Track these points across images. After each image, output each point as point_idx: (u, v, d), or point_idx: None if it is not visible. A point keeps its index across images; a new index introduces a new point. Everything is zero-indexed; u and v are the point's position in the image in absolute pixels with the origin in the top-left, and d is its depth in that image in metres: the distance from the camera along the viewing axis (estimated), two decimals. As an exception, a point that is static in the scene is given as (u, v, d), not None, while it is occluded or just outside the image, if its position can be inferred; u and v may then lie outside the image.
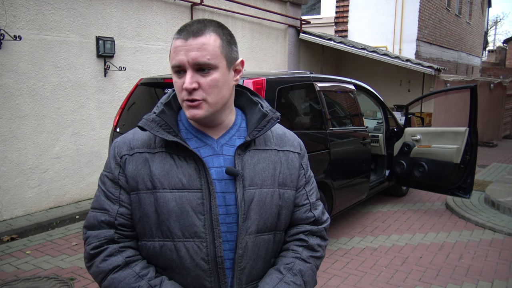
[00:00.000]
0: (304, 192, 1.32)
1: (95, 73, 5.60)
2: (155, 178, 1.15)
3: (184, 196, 1.14)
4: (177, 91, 1.15)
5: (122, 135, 1.26)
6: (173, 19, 6.66)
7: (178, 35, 1.13)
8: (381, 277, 3.84)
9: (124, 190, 1.19)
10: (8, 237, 4.46)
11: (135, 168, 1.17)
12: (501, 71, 22.19)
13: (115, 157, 1.21)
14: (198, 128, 1.22)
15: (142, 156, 1.18)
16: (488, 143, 13.06)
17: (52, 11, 5.07)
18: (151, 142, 1.20)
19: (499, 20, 47.73)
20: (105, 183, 1.21)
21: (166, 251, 1.16)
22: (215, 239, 1.14)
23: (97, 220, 1.19)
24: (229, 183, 1.18)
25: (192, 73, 1.11)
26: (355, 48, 9.37)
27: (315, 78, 4.47)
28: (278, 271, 1.24)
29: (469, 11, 17.44)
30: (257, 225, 1.19)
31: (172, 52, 1.13)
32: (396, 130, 5.97)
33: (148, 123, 1.17)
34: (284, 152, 1.29)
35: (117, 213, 1.18)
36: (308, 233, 1.31)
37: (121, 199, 1.19)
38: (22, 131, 4.91)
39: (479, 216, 5.40)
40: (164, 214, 1.14)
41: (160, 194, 1.14)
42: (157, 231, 1.16)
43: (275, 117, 1.25)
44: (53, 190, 5.29)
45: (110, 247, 1.17)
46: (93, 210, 1.22)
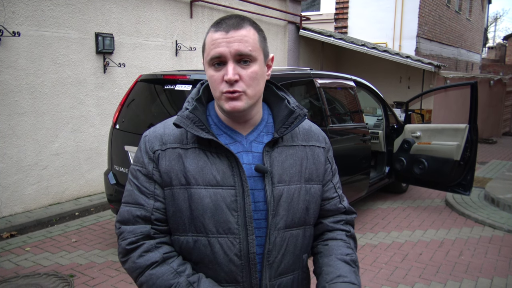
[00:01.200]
0: (332, 185, 1.36)
1: (94, 69, 5.58)
2: (189, 175, 1.16)
3: (218, 193, 1.15)
4: (215, 83, 1.14)
5: (152, 129, 1.25)
6: (172, 15, 6.64)
7: (217, 28, 1.13)
8: (381, 274, 3.84)
9: (158, 184, 1.19)
10: (7, 234, 4.45)
11: (168, 163, 1.18)
12: (501, 67, 22.18)
13: (148, 152, 1.20)
14: (228, 124, 1.22)
15: (175, 151, 1.18)
16: (487, 140, 13.06)
17: (51, 7, 5.04)
18: (183, 138, 1.20)
19: (499, 17, 47.64)
20: (139, 178, 1.21)
21: (200, 246, 1.17)
22: (248, 235, 1.16)
23: (132, 215, 1.19)
24: (257, 180, 1.19)
25: (234, 64, 1.11)
26: (355, 44, 9.35)
27: (315, 74, 4.45)
28: (346, 263, 1.26)
29: (469, 8, 17.40)
30: (285, 220, 1.21)
31: (210, 45, 1.12)
32: (396, 127, 5.97)
33: (183, 120, 1.16)
34: (310, 147, 1.30)
35: (153, 208, 1.19)
36: (344, 223, 1.37)
37: (156, 193, 1.19)
38: (21, 127, 4.90)
39: (479, 213, 5.40)
40: (198, 210, 1.15)
41: (195, 191, 1.15)
42: (190, 226, 1.17)
43: (303, 113, 1.25)
44: (53, 186, 5.28)
45: (147, 242, 1.18)
46: (126, 204, 1.22)
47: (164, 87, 3.93)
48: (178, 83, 3.75)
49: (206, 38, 1.15)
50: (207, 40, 1.14)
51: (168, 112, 3.89)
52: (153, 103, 4.10)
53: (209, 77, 1.15)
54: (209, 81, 1.16)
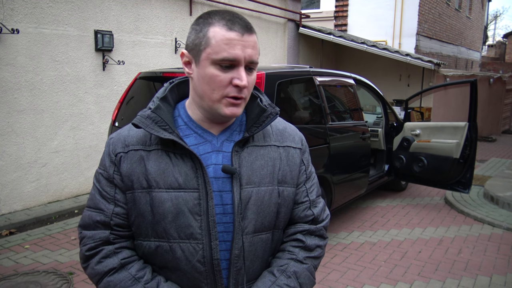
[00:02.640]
0: (304, 189, 1.27)
1: (93, 67, 5.57)
2: (151, 177, 1.11)
3: (180, 196, 1.10)
4: (219, 85, 1.07)
5: (117, 131, 1.22)
6: (172, 13, 6.63)
7: (230, 27, 1.05)
8: (380, 272, 3.84)
9: (119, 189, 1.15)
10: (7, 232, 4.45)
11: (130, 166, 1.13)
12: (500, 65, 22.17)
13: (110, 155, 1.16)
14: (200, 123, 1.17)
15: (137, 153, 1.14)
16: (487, 137, 13.07)
17: (50, 4, 5.03)
18: (147, 139, 1.15)
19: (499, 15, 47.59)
20: (100, 182, 1.17)
21: (162, 251, 1.13)
22: (211, 241, 1.11)
23: (92, 220, 1.16)
24: (226, 181, 1.13)
25: (245, 70, 1.08)
26: (354, 42, 9.34)
27: (315, 72, 4.45)
28: (271, 273, 1.20)
29: (469, 6, 17.38)
30: (255, 224, 1.15)
31: (222, 44, 1.04)
32: (395, 125, 5.96)
33: (142, 120, 1.11)
34: (285, 148, 1.24)
35: (112, 213, 1.15)
36: (306, 233, 1.26)
37: (117, 198, 1.15)
38: (21, 125, 4.89)
39: (478, 211, 5.41)
40: (159, 214, 1.11)
41: (156, 194, 1.10)
42: (152, 231, 1.13)
43: (274, 112, 1.20)
44: (52, 184, 5.28)
45: (105, 248, 1.15)
46: (88, 209, 1.18)
47: (163, 84, 3.91)
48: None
49: (213, 32, 1.06)
50: (216, 36, 1.05)
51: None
52: (153, 100, 4.08)
53: (212, 77, 1.07)
54: (208, 81, 1.08)
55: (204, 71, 1.08)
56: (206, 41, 1.06)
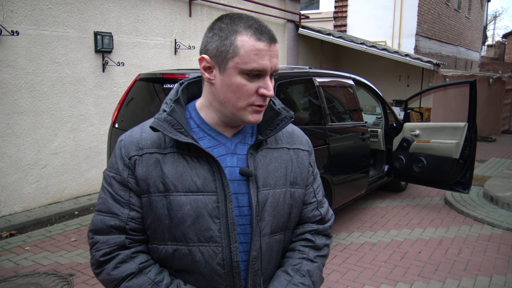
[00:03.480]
0: (312, 190, 1.31)
1: (93, 68, 5.57)
2: (168, 181, 1.10)
3: (199, 200, 1.10)
4: (245, 94, 1.08)
5: (128, 133, 1.18)
6: (171, 14, 6.63)
7: (259, 37, 1.05)
8: (380, 272, 3.84)
9: (134, 192, 1.13)
10: (7, 233, 4.45)
11: (145, 170, 1.11)
12: (500, 65, 22.18)
13: (123, 158, 1.13)
14: (214, 126, 1.16)
15: (152, 156, 1.12)
16: (486, 138, 13.08)
17: (50, 6, 5.04)
18: (161, 142, 1.13)
19: (498, 15, 47.65)
20: (113, 185, 1.14)
21: (180, 255, 1.12)
22: (231, 243, 1.11)
23: (105, 225, 1.13)
24: (242, 184, 1.14)
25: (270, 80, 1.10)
26: (354, 43, 9.34)
27: (314, 73, 4.45)
28: (286, 273, 1.22)
29: (468, 6, 17.40)
30: (271, 226, 1.17)
31: (252, 54, 1.04)
32: (395, 125, 5.97)
33: (160, 124, 1.09)
34: (294, 150, 1.26)
35: (128, 218, 1.13)
36: (314, 232, 1.30)
37: (131, 202, 1.13)
38: (20, 127, 4.89)
39: (478, 211, 5.41)
40: (178, 218, 1.10)
41: (174, 198, 1.09)
42: (169, 235, 1.12)
43: (289, 116, 1.22)
44: (52, 186, 5.28)
45: (122, 253, 1.13)
46: (99, 213, 1.15)
47: (163, 86, 3.92)
48: (177, 82, 3.75)
49: (241, 41, 1.05)
50: (245, 46, 1.04)
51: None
52: (152, 102, 4.09)
53: (239, 86, 1.07)
54: (235, 89, 1.08)
55: (231, 79, 1.08)
56: (234, 50, 1.06)
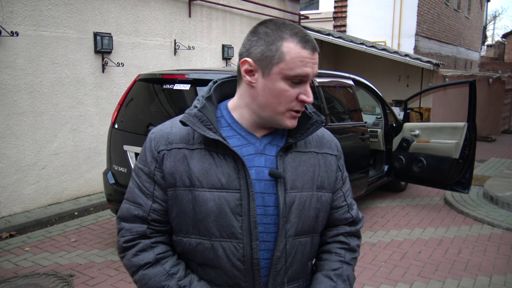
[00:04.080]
0: (341, 194, 1.33)
1: (93, 69, 5.58)
2: (194, 176, 1.13)
3: (222, 196, 1.12)
4: (287, 99, 1.11)
5: (159, 127, 1.22)
6: (171, 15, 6.63)
7: (305, 45, 1.08)
8: (380, 272, 3.84)
9: (158, 185, 1.17)
10: (7, 234, 4.45)
11: (173, 164, 1.15)
12: (499, 65, 22.19)
13: (152, 151, 1.18)
14: (245, 126, 1.19)
15: (180, 152, 1.15)
16: (486, 138, 13.08)
17: (49, 7, 5.04)
18: (190, 138, 1.17)
19: (498, 15, 47.67)
20: (140, 176, 1.19)
21: (203, 249, 1.15)
22: (252, 241, 1.13)
23: (130, 213, 1.20)
24: (269, 184, 1.16)
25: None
26: (353, 43, 9.34)
27: (314, 73, 4.45)
28: (329, 278, 1.26)
29: (468, 6, 17.40)
30: (296, 228, 1.19)
31: (297, 61, 1.07)
32: (395, 125, 5.97)
33: (190, 118, 1.13)
34: (323, 154, 1.27)
35: (150, 209, 1.18)
36: (347, 235, 1.34)
37: (155, 194, 1.18)
38: (20, 127, 4.89)
39: (478, 211, 5.41)
40: (202, 213, 1.13)
41: (199, 193, 1.13)
42: (194, 229, 1.15)
43: (320, 120, 1.22)
44: (52, 186, 5.28)
45: (142, 242, 1.19)
46: (126, 202, 1.22)
47: (162, 86, 3.92)
48: (176, 83, 3.75)
49: (287, 48, 1.08)
50: (291, 53, 1.07)
51: (166, 111, 3.89)
52: (152, 102, 4.10)
53: (281, 91, 1.10)
54: (277, 95, 1.10)
55: (274, 84, 1.10)
56: (279, 56, 1.08)
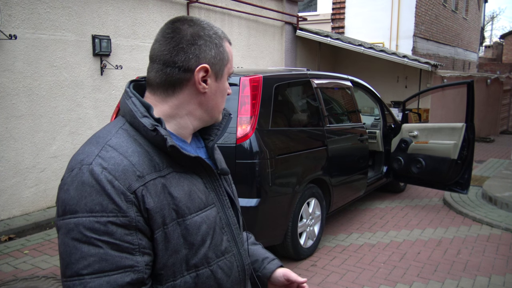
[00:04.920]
0: None
1: (91, 71, 5.58)
2: (182, 205, 0.99)
3: (209, 215, 1.06)
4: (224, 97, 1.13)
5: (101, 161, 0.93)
6: (169, 17, 6.64)
7: (229, 41, 1.13)
8: (380, 273, 3.85)
9: (142, 233, 0.93)
10: (6, 237, 4.45)
11: (157, 199, 0.95)
12: (498, 66, 22.23)
13: (124, 193, 0.91)
14: (179, 135, 1.08)
15: (157, 182, 0.96)
16: (485, 138, 13.10)
17: (48, 10, 5.04)
18: (155, 164, 0.98)
19: (495, 16, 47.77)
20: (114, 233, 0.89)
21: (202, 280, 1.03)
22: (239, 248, 1.14)
23: (118, 285, 0.89)
24: None
25: None
26: (352, 44, 9.36)
27: (312, 75, 4.46)
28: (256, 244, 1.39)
29: (466, 7, 17.45)
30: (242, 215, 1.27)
31: (231, 59, 1.12)
32: (393, 127, 5.98)
33: (172, 141, 0.99)
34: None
35: (144, 265, 0.94)
36: None
37: (142, 245, 0.93)
38: (19, 130, 4.89)
39: (477, 212, 5.42)
40: (198, 241, 1.01)
41: (190, 221, 1.00)
42: (187, 264, 1.00)
43: (227, 113, 1.23)
44: (51, 189, 5.28)
45: None
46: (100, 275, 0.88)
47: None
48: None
49: (226, 48, 1.09)
50: (230, 52, 1.10)
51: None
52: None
53: (226, 89, 1.13)
54: (224, 93, 1.12)
55: (224, 85, 1.11)
56: (227, 57, 1.09)
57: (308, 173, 4.02)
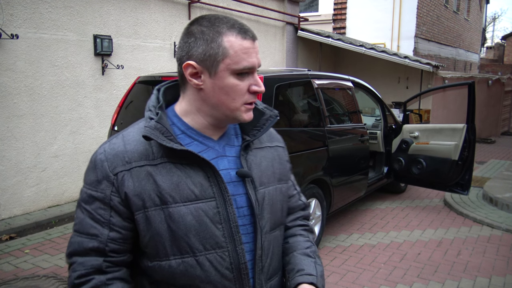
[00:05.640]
0: (291, 183, 1.38)
1: (92, 71, 5.59)
2: (165, 193, 1.05)
3: (199, 208, 1.07)
4: (239, 93, 1.08)
5: (108, 145, 1.10)
6: (170, 17, 6.65)
7: (244, 35, 1.06)
8: (380, 274, 3.85)
9: (116, 212, 1.06)
10: (7, 236, 4.46)
11: (138, 184, 1.05)
12: (499, 67, 22.22)
13: (106, 174, 1.06)
14: (200, 130, 1.14)
15: (142, 170, 1.06)
16: (486, 139, 13.08)
17: (49, 10, 5.05)
18: (149, 153, 1.07)
19: (497, 17, 47.75)
20: (91, 204, 1.07)
21: (187, 267, 1.08)
22: (236, 246, 1.11)
23: (83, 247, 1.07)
24: (237, 185, 1.15)
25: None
26: (353, 45, 9.36)
27: (313, 75, 4.47)
28: (307, 255, 1.28)
29: (467, 8, 17.44)
30: (270, 223, 1.20)
31: (241, 53, 1.05)
32: (394, 127, 5.98)
33: (152, 132, 1.04)
34: (275, 147, 1.30)
35: (107, 239, 1.06)
36: (303, 218, 1.40)
37: (112, 222, 1.07)
38: (20, 130, 4.90)
39: (477, 213, 5.41)
40: (181, 230, 1.06)
41: (174, 209, 1.05)
42: (172, 249, 1.08)
43: (274, 115, 1.23)
44: (52, 189, 5.29)
45: (96, 278, 1.07)
46: (77, 234, 1.08)
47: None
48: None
49: (228, 42, 1.05)
50: (233, 46, 1.05)
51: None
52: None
53: (232, 86, 1.07)
54: (229, 91, 1.07)
55: (223, 81, 1.07)
56: (223, 52, 1.05)
57: (308, 173, 4.03)
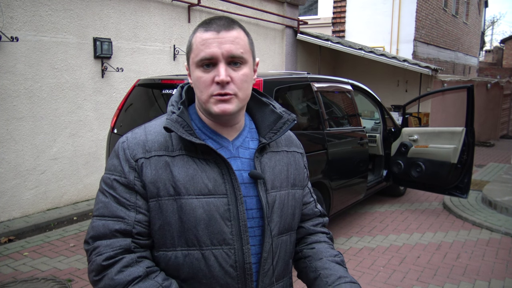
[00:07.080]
0: (308, 190, 1.38)
1: (92, 74, 5.59)
2: (179, 184, 1.08)
3: (211, 202, 1.09)
4: (204, 85, 1.09)
5: (130, 135, 1.16)
6: (170, 20, 6.66)
7: (207, 28, 1.09)
8: (379, 277, 3.84)
9: (140, 195, 1.10)
10: (5, 239, 4.45)
11: (155, 172, 1.09)
12: (498, 71, 22.26)
13: (128, 160, 1.11)
14: (213, 128, 1.17)
15: (161, 159, 1.10)
16: (485, 143, 13.10)
17: (49, 12, 5.06)
18: (168, 144, 1.12)
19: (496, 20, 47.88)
20: (116, 188, 1.10)
21: (192, 260, 1.10)
22: (243, 245, 1.12)
23: (109, 229, 1.08)
24: (249, 187, 1.15)
25: (225, 66, 1.08)
26: (352, 48, 9.38)
27: (313, 78, 4.48)
28: (338, 263, 1.28)
29: (466, 11, 17.49)
30: (279, 227, 1.20)
31: (200, 45, 1.08)
32: (393, 130, 5.99)
33: (173, 124, 1.08)
34: (292, 153, 1.30)
35: (134, 221, 1.09)
36: (322, 225, 1.41)
37: (138, 205, 1.10)
38: (19, 132, 4.90)
39: (477, 216, 5.42)
40: (190, 222, 1.08)
41: (186, 201, 1.08)
42: (180, 240, 1.10)
43: (291, 118, 1.23)
44: (51, 191, 5.28)
45: (127, 256, 1.07)
46: (101, 218, 1.10)
47: (162, 91, 3.94)
48: (176, 88, 3.76)
49: (194, 38, 1.11)
50: (196, 40, 1.10)
51: (166, 116, 3.90)
52: (151, 107, 4.11)
53: (197, 79, 1.10)
54: (196, 83, 1.11)
55: (193, 75, 1.13)
56: (189, 47, 1.13)
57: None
